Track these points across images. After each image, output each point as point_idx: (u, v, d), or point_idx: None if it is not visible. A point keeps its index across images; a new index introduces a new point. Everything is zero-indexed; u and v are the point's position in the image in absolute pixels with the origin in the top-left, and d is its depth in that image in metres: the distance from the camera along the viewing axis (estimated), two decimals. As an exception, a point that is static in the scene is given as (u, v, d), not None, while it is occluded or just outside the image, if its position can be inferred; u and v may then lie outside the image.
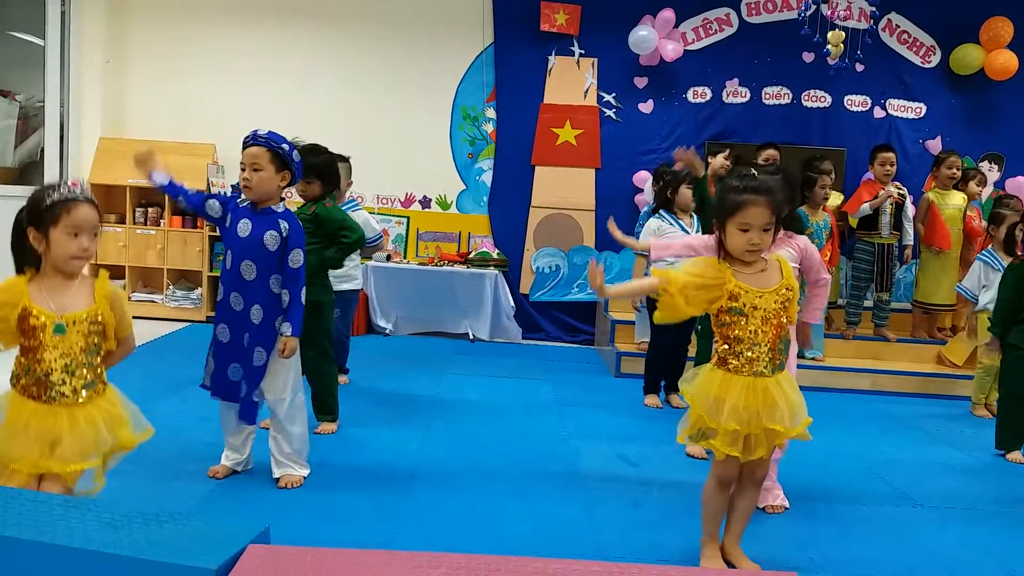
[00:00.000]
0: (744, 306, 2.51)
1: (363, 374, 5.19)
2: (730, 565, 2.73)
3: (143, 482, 3.17)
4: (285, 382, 3.23)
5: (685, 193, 4.88)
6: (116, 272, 6.83)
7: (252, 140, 3.15)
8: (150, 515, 1.95)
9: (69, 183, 2.35)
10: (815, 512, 3.37)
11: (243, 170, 3.14)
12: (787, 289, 2.56)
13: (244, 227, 3.14)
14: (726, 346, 2.57)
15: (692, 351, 4.81)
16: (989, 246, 5.30)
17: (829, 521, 3.30)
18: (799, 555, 2.95)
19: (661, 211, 5.02)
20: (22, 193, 6.75)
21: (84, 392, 2.35)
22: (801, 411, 2.60)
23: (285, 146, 3.15)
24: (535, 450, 4.00)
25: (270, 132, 3.15)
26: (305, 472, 3.34)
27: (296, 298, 3.15)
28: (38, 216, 2.30)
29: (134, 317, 2.61)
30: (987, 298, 5.13)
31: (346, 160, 4.82)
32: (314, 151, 3.91)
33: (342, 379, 4.91)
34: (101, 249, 6.71)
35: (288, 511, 3.04)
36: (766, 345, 2.53)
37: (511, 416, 4.62)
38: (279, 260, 3.13)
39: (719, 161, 5.97)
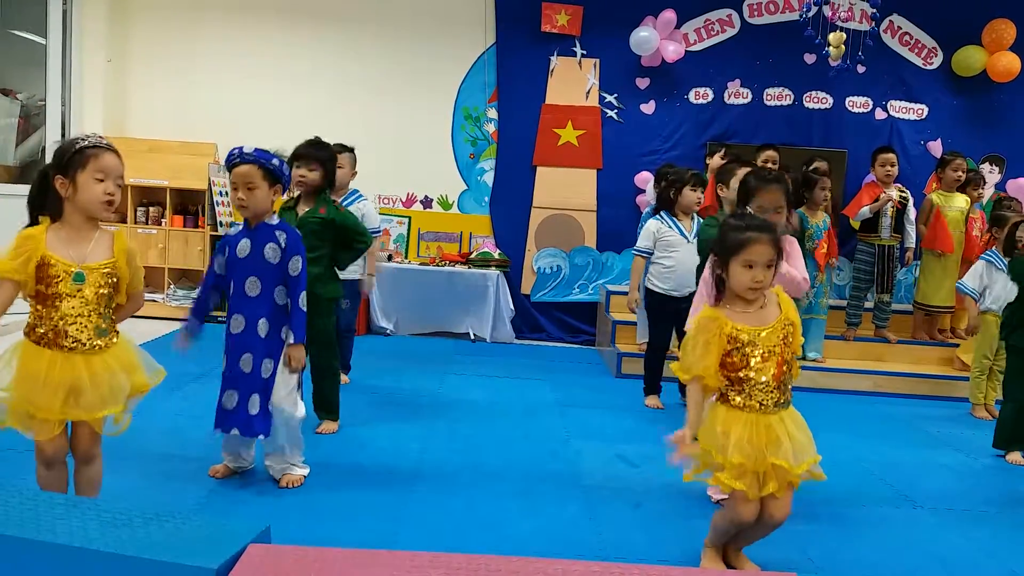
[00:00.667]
0: (743, 345, 2.51)
1: (364, 374, 5.19)
2: (730, 566, 2.74)
3: (143, 481, 3.17)
4: (284, 393, 3.20)
5: (688, 195, 4.86)
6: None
7: (240, 158, 3.12)
8: (150, 514, 1.95)
9: (94, 135, 2.48)
10: (815, 513, 3.36)
11: (235, 189, 3.13)
12: (788, 324, 2.56)
13: (243, 247, 3.15)
14: (728, 383, 2.56)
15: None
16: (992, 247, 5.30)
17: (829, 522, 3.30)
18: (799, 556, 2.95)
19: (661, 212, 5.00)
20: (24, 192, 6.75)
21: (99, 340, 2.44)
22: (806, 451, 2.56)
23: (275, 161, 3.15)
24: (536, 450, 4.00)
25: (256, 149, 3.13)
26: (305, 471, 3.33)
27: (296, 305, 3.14)
28: (66, 162, 2.40)
29: (135, 317, 2.64)
30: (991, 299, 5.13)
31: (351, 150, 4.83)
32: (320, 145, 3.99)
33: (343, 378, 4.92)
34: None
35: (288, 511, 3.04)
36: (769, 382, 2.52)
37: (512, 416, 4.62)
38: (282, 271, 3.14)
39: (717, 161, 5.97)
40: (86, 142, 2.42)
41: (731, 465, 2.49)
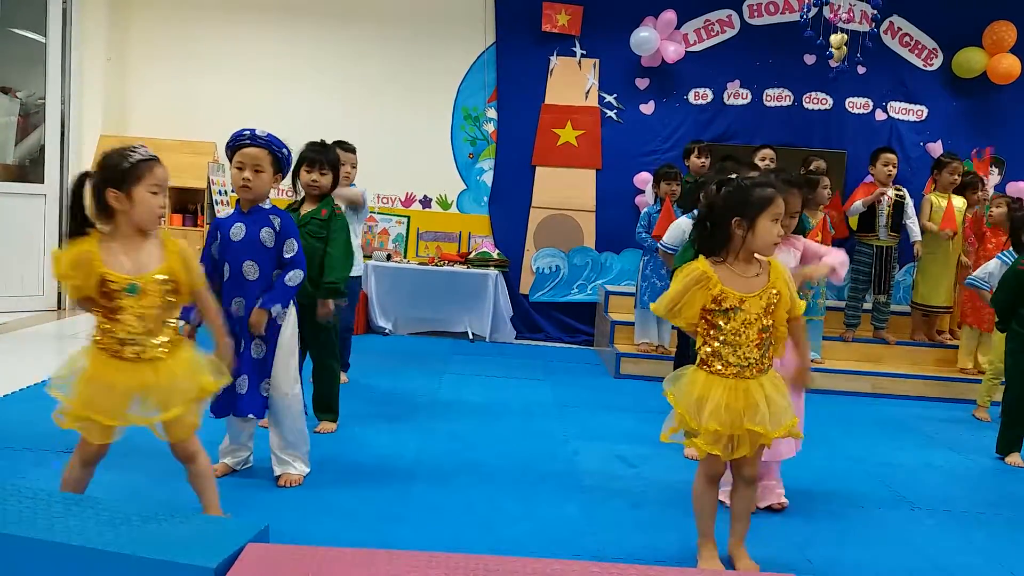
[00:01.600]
0: (728, 309, 2.54)
1: (363, 373, 5.19)
2: (731, 565, 2.74)
3: (144, 479, 3.17)
4: (285, 377, 3.23)
5: None
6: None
7: (251, 140, 3.14)
8: (149, 513, 1.95)
9: (140, 147, 2.47)
10: (813, 514, 3.37)
11: (240, 170, 3.14)
12: (774, 292, 2.58)
13: (237, 231, 3.15)
14: (708, 348, 2.59)
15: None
16: (1009, 248, 5.30)
17: (827, 523, 3.30)
18: (797, 556, 2.95)
19: (694, 211, 4.92)
20: (22, 190, 6.77)
21: (161, 348, 2.45)
22: (785, 414, 2.60)
23: (285, 150, 3.18)
24: (534, 450, 4.00)
25: (269, 135, 3.16)
26: (305, 470, 3.34)
27: (282, 279, 3.15)
28: (120, 176, 2.40)
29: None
30: None
31: (353, 150, 4.80)
32: (328, 147, 3.99)
33: (342, 377, 4.93)
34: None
35: (287, 510, 3.04)
36: (749, 347, 2.55)
37: (510, 416, 4.62)
38: (277, 254, 3.16)
39: (695, 161, 5.97)
40: (137, 155, 2.42)
41: (706, 431, 2.55)
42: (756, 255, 2.62)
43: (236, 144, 3.17)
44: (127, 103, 7.19)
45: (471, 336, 6.92)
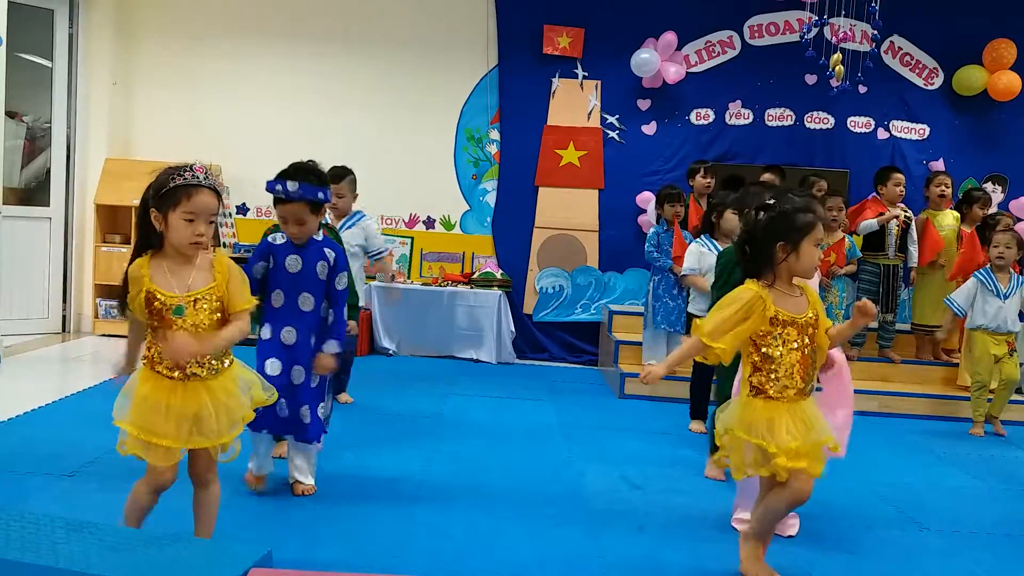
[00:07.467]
0: (781, 328, 2.57)
1: (366, 394, 5.18)
2: None
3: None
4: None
5: (730, 219, 4.59)
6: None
7: (286, 197, 3.13)
8: (151, 537, 1.94)
9: (195, 168, 2.41)
10: (820, 534, 3.34)
11: (284, 222, 3.21)
12: (812, 316, 2.61)
13: (294, 263, 3.22)
14: (759, 373, 2.60)
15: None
16: (987, 266, 5.31)
17: (834, 543, 3.27)
18: (805, 579, 2.93)
19: (702, 236, 4.85)
20: (28, 214, 6.81)
21: (214, 366, 2.42)
22: (827, 431, 2.67)
23: (320, 195, 3.21)
24: (538, 472, 3.98)
25: (302, 185, 3.14)
26: (312, 481, 3.42)
27: (340, 317, 3.31)
28: (160, 198, 2.38)
29: (124, 336, 2.61)
30: (983, 317, 5.15)
31: (350, 173, 4.80)
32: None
33: (345, 398, 4.93)
34: (105, 269, 6.73)
35: (290, 532, 3.02)
36: (797, 371, 2.58)
37: (514, 438, 4.60)
38: (327, 287, 3.28)
39: (700, 181, 5.97)
40: (181, 179, 2.37)
41: (788, 450, 2.53)
42: (796, 279, 2.64)
43: (274, 199, 3.21)
44: (132, 127, 7.23)
45: (475, 357, 6.90)
